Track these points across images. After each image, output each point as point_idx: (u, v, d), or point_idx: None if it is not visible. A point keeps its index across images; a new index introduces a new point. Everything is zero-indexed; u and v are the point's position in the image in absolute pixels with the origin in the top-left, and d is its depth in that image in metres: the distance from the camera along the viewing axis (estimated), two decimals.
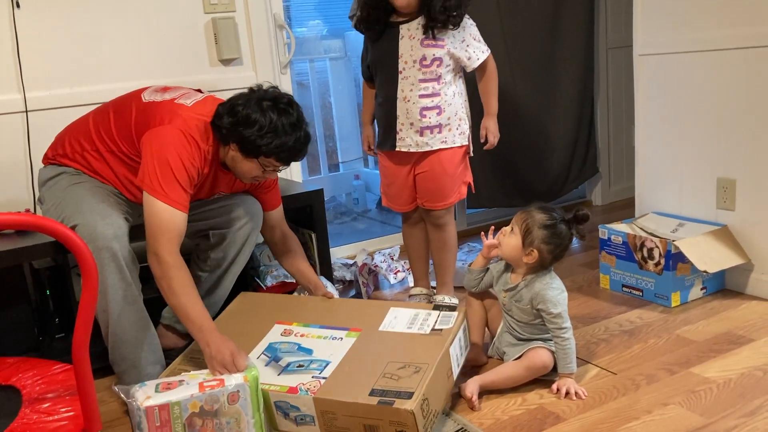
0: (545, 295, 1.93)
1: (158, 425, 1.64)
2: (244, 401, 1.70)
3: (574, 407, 1.85)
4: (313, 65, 4.25)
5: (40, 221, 1.31)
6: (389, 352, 1.84)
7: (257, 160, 1.89)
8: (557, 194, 3.70)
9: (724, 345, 2.13)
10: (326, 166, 4.41)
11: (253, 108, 1.85)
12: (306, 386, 1.76)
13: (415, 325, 1.92)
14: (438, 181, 2.38)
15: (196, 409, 1.66)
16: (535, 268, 1.97)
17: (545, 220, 1.94)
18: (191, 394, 1.66)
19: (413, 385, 1.69)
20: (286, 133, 1.85)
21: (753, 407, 1.77)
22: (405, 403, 1.63)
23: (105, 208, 1.89)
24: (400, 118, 2.34)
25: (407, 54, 2.28)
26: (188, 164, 1.85)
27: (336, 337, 1.93)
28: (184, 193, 1.85)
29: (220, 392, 1.68)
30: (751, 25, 2.34)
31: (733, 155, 2.47)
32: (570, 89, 3.56)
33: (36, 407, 1.52)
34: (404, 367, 1.76)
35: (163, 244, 1.80)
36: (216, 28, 2.66)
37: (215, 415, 1.68)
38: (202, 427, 1.67)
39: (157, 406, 1.63)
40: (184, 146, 1.85)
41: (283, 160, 1.91)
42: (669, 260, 2.42)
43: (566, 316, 1.94)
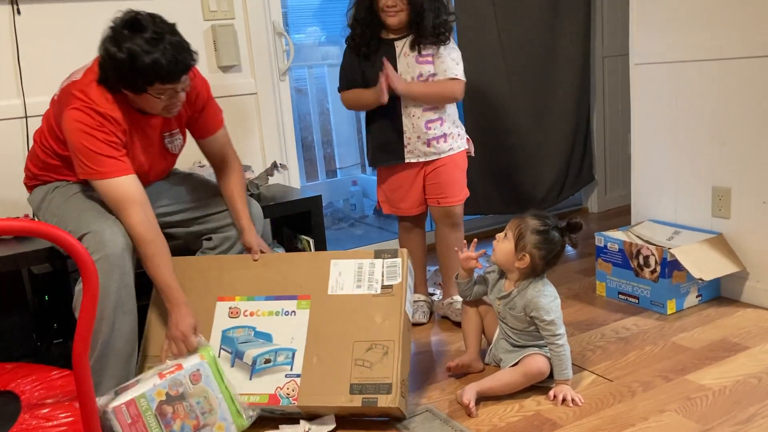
0: (538, 302, 1.94)
1: (130, 422, 1.66)
2: (207, 378, 1.73)
3: (571, 414, 1.86)
4: (312, 71, 4.27)
5: (41, 227, 1.32)
6: (350, 328, 1.87)
7: (147, 93, 1.81)
8: (554, 201, 3.71)
9: (719, 352, 2.15)
10: (324, 172, 4.42)
11: (111, 45, 1.77)
12: (284, 391, 1.82)
13: (363, 281, 1.92)
14: (451, 175, 2.43)
15: (162, 397, 1.69)
16: (527, 274, 1.99)
17: (538, 226, 1.96)
18: (153, 384, 1.70)
19: (388, 373, 1.79)
20: (148, 52, 1.74)
21: (748, 414, 1.78)
22: (387, 399, 1.76)
23: (108, 215, 1.88)
24: (407, 132, 2.38)
25: (406, 71, 2.33)
26: (101, 135, 1.82)
27: (288, 311, 1.92)
28: (115, 160, 1.84)
29: (181, 375, 1.71)
30: (746, 36, 2.36)
31: (728, 164, 2.49)
32: (566, 97, 3.58)
33: (35, 413, 1.53)
34: (372, 348, 1.83)
35: (129, 216, 1.83)
36: (215, 35, 2.67)
37: (183, 398, 1.70)
38: (174, 414, 1.69)
39: (124, 404, 1.66)
40: (86, 122, 1.81)
41: (167, 78, 1.79)
42: (665, 268, 2.43)
43: (560, 323, 1.95)
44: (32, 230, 1.33)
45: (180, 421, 1.70)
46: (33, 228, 1.32)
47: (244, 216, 2.11)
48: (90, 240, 1.81)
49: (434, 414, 1.90)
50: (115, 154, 1.84)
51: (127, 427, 1.66)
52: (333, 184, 4.43)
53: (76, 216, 1.88)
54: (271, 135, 2.86)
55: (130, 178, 1.86)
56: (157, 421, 1.68)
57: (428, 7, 2.26)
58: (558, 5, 3.44)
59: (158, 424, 1.69)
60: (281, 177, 2.88)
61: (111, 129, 1.84)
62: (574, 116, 3.64)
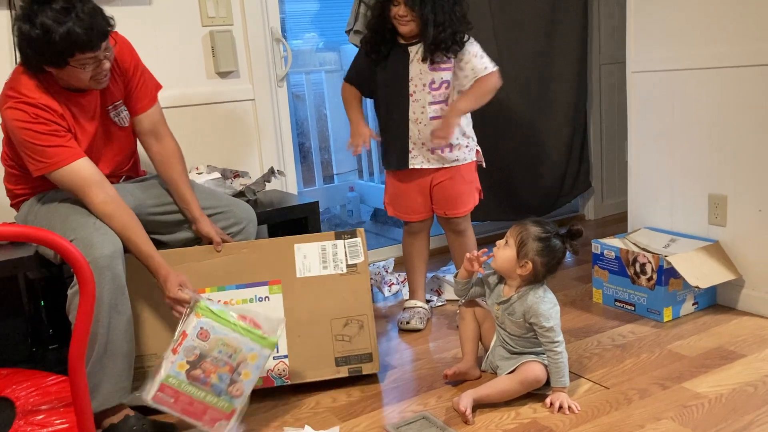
0: (538, 308, 1.94)
1: (174, 401, 1.73)
2: (213, 329, 1.76)
3: (567, 421, 1.86)
4: (309, 77, 4.27)
5: (37, 232, 1.32)
6: (324, 307, 2.04)
7: (70, 65, 1.77)
8: (550, 208, 3.72)
9: (715, 360, 2.15)
10: (321, 178, 4.43)
11: (23, 23, 1.73)
12: (276, 372, 1.97)
13: (328, 262, 2.05)
14: (457, 189, 2.45)
15: (186, 367, 1.73)
16: (528, 281, 1.99)
17: (540, 233, 1.96)
18: (171, 361, 1.73)
19: (367, 344, 2.07)
20: (60, 23, 1.70)
21: (744, 422, 1.78)
22: (370, 366, 2.07)
23: (96, 220, 1.87)
24: (412, 138, 2.39)
25: (417, 77, 2.34)
26: (39, 127, 1.80)
27: (261, 297, 2.00)
28: (61, 148, 1.83)
29: (190, 341, 1.74)
30: (742, 44, 2.37)
31: (724, 171, 2.50)
32: (563, 104, 3.59)
33: (30, 419, 1.52)
34: (348, 324, 2.05)
35: (90, 198, 1.84)
36: (213, 41, 2.68)
37: (204, 357, 1.74)
38: (206, 372, 1.74)
39: (158, 391, 1.72)
40: (22, 118, 1.80)
41: (85, 47, 1.74)
42: (661, 275, 2.43)
43: (558, 330, 1.95)
44: (28, 235, 1.32)
45: (215, 374, 1.75)
46: (29, 233, 1.32)
47: (194, 204, 2.07)
48: (78, 245, 1.79)
49: (430, 421, 1.89)
50: (59, 141, 1.83)
51: (174, 405, 1.73)
52: (330, 190, 4.43)
53: (62, 222, 1.86)
54: (269, 141, 2.87)
55: (82, 162, 1.85)
56: (195, 386, 1.74)
57: (439, 20, 2.24)
58: (555, 13, 3.45)
59: (198, 389, 1.74)
60: (278, 183, 2.88)
61: (47, 118, 1.82)
62: (570, 123, 3.64)
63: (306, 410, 2.02)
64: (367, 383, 2.16)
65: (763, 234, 2.41)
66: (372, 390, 2.12)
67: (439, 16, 2.24)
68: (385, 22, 2.33)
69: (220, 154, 2.75)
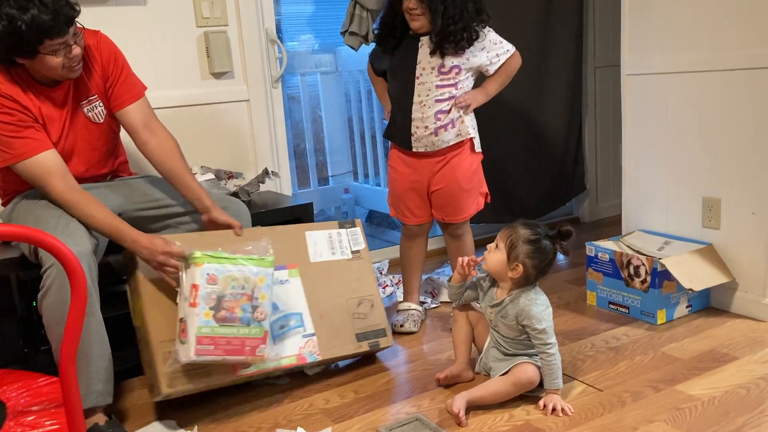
0: (530, 311, 1.94)
1: (214, 348, 1.81)
2: (218, 270, 1.82)
3: (561, 424, 1.85)
4: (304, 79, 4.27)
5: (28, 232, 1.31)
6: (338, 288, 2.22)
7: (40, 54, 1.77)
8: (545, 211, 3.72)
9: (708, 363, 2.15)
10: (316, 180, 4.42)
11: None
12: (307, 350, 2.09)
13: (335, 249, 2.26)
14: (454, 197, 2.46)
15: (211, 313, 1.81)
16: (520, 283, 1.99)
17: (529, 235, 1.96)
18: (195, 314, 1.79)
19: (380, 321, 2.26)
20: (25, 10, 1.70)
21: (737, 425, 1.78)
22: (385, 340, 2.26)
23: (66, 222, 1.86)
24: (416, 121, 2.39)
25: (425, 61, 2.34)
26: (2, 116, 1.81)
27: (282, 280, 2.13)
28: (24, 139, 1.83)
29: (203, 288, 1.80)
30: (736, 49, 2.38)
31: (718, 175, 2.50)
32: (558, 107, 3.60)
33: (20, 420, 1.51)
34: (361, 303, 2.24)
35: (52, 190, 1.85)
36: (208, 41, 2.67)
37: (222, 297, 1.82)
38: (230, 309, 1.83)
39: (196, 345, 1.79)
40: None
41: (53, 32, 1.74)
42: (655, 278, 2.44)
43: (551, 332, 1.95)
44: (16, 235, 1.32)
45: (238, 308, 1.84)
46: (17, 233, 1.31)
47: (204, 193, 2.07)
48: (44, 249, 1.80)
49: (424, 423, 1.89)
50: (24, 133, 1.83)
51: (217, 351, 1.82)
52: (325, 192, 4.42)
53: (34, 222, 1.85)
54: (263, 142, 2.86)
55: (46, 154, 1.85)
56: (226, 326, 1.82)
57: (449, 13, 2.24)
58: (550, 16, 3.46)
59: (229, 327, 1.83)
60: (273, 184, 2.87)
61: (11, 107, 1.82)
62: (565, 126, 3.65)
63: (299, 412, 2.01)
64: (361, 385, 2.15)
65: (756, 237, 2.42)
66: (365, 392, 2.11)
67: (450, 9, 2.24)
68: (395, 15, 2.34)
69: (214, 155, 2.75)
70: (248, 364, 1.94)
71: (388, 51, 2.43)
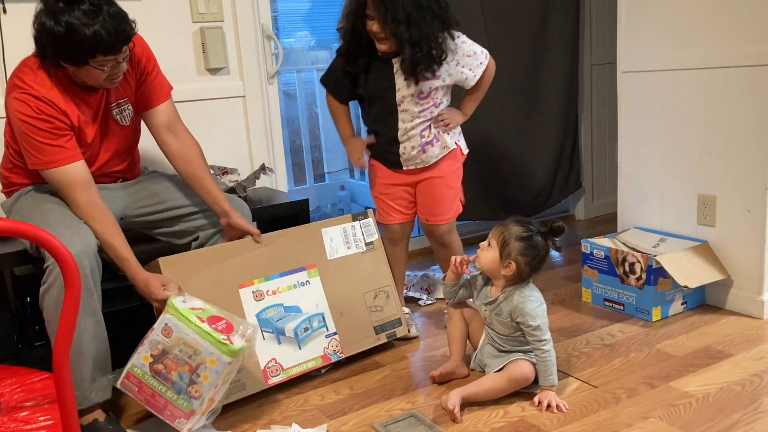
0: (524, 308, 1.94)
1: (137, 390, 1.80)
2: (176, 326, 1.80)
3: (555, 420, 1.86)
4: (300, 76, 4.26)
5: (25, 228, 1.30)
6: (355, 283, 2.28)
7: (88, 65, 1.79)
8: (541, 208, 3.72)
9: (703, 359, 2.15)
10: (312, 176, 4.41)
11: (47, 18, 1.73)
12: (330, 349, 2.17)
13: (350, 243, 2.30)
14: (438, 192, 2.39)
15: (150, 359, 1.79)
16: (513, 280, 1.99)
17: (521, 233, 1.96)
18: (138, 352, 1.80)
19: (395, 311, 2.35)
20: (87, 25, 1.71)
21: (731, 421, 1.79)
22: (401, 330, 2.36)
23: (73, 219, 1.86)
24: (404, 144, 2.34)
25: (404, 88, 2.26)
26: (41, 124, 1.81)
27: (303, 282, 2.18)
28: (59, 148, 1.84)
29: (155, 335, 1.79)
30: (732, 46, 2.38)
31: (713, 172, 2.51)
32: (554, 104, 3.60)
33: (14, 416, 1.51)
34: (377, 296, 2.31)
35: (75, 199, 1.86)
36: (204, 37, 2.67)
37: (166, 353, 1.79)
38: (167, 368, 1.79)
39: (125, 377, 1.80)
40: (26, 112, 1.80)
41: (109, 50, 1.77)
42: (650, 275, 2.44)
43: (546, 329, 1.95)
44: (13, 230, 1.31)
45: (175, 372, 1.78)
46: (14, 228, 1.30)
47: (222, 197, 2.09)
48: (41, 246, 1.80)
49: (418, 419, 1.89)
50: (58, 142, 1.84)
51: (138, 394, 1.80)
52: (321, 189, 4.42)
53: (40, 218, 1.85)
54: (259, 138, 2.85)
55: (75, 166, 1.86)
56: (157, 380, 1.79)
57: (414, 39, 2.12)
58: (547, 13, 3.46)
59: (159, 382, 1.79)
60: (269, 180, 2.87)
61: (51, 114, 1.82)
62: (562, 124, 3.65)
63: (294, 408, 2.01)
64: (356, 381, 2.15)
65: (751, 234, 2.42)
66: (360, 388, 2.11)
67: (414, 32, 2.11)
68: (360, 36, 2.22)
69: (209, 151, 2.72)
70: None
71: (358, 73, 2.31)
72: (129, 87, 2.03)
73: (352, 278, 2.28)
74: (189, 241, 2.16)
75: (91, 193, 1.88)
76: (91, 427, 1.83)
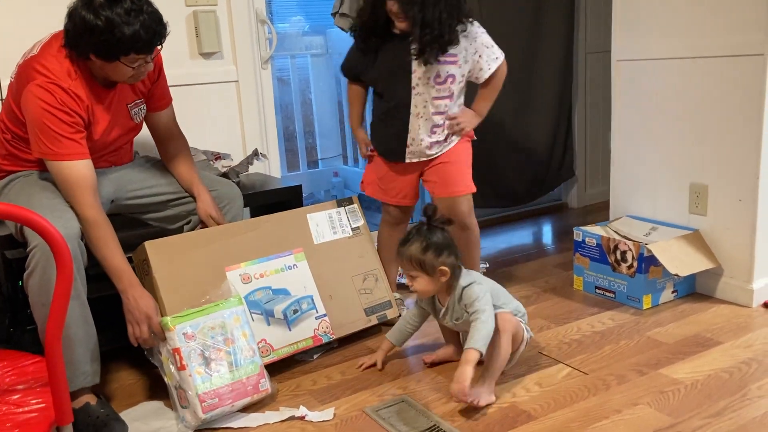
0: (469, 294, 1.93)
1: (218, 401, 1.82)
2: (191, 326, 1.85)
3: (546, 406, 1.87)
4: (294, 61, 4.24)
5: (15, 210, 1.30)
6: (343, 267, 2.30)
7: (119, 61, 1.81)
8: (534, 197, 3.73)
9: (693, 347, 2.17)
10: (305, 163, 4.41)
11: (86, 12, 1.75)
12: (321, 330, 2.19)
13: (336, 228, 2.32)
14: (450, 168, 2.36)
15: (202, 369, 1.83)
16: (450, 280, 1.97)
17: (419, 244, 1.93)
18: (189, 375, 1.81)
19: (384, 294, 2.38)
20: (128, 23, 1.74)
21: (719, 408, 1.81)
22: (392, 312, 2.38)
23: (57, 203, 1.85)
24: (411, 133, 2.32)
25: (420, 70, 2.25)
26: (63, 116, 1.81)
27: (290, 265, 2.20)
28: (74, 143, 1.84)
29: (185, 349, 1.82)
30: (726, 35, 2.38)
31: (706, 161, 2.52)
32: (548, 93, 3.60)
33: (6, 399, 1.51)
34: (366, 279, 2.34)
35: (78, 200, 1.84)
36: (197, 21, 2.65)
37: (206, 349, 1.84)
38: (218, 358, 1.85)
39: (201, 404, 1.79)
40: (49, 101, 1.80)
41: (143, 50, 1.81)
42: (641, 263, 2.45)
43: (486, 300, 1.91)
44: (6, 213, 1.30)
45: (224, 354, 1.86)
46: (4, 211, 1.30)
47: (195, 182, 2.12)
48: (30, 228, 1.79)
49: (409, 404, 1.90)
50: (75, 136, 1.84)
51: (223, 402, 1.82)
52: (314, 175, 4.41)
53: (26, 202, 1.83)
54: (252, 123, 2.84)
55: (85, 163, 1.86)
56: (221, 374, 1.84)
57: (427, 20, 2.13)
58: (542, 2, 3.45)
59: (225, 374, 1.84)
60: (262, 166, 2.86)
61: (73, 108, 1.82)
62: (555, 112, 3.65)
63: (287, 392, 2.02)
64: (348, 366, 2.16)
65: (742, 223, 2.43)
66: (352, 373, 2.12)
67: (427, 15, 2.13)
68: (377, 16, 2.22)
69: (201, 136, 2.73)
70: (255, 402, 1.92)
71: (370, 52, 2.31)
72: (146, 87, 2.07)
73: (339, 262, 2.30)
74: (181, 225, 2.16)
75: (96, 197, 1.87)
76: (83, 411, 1.83)
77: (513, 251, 3.30)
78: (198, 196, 2.11)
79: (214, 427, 1.85)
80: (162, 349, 1.86)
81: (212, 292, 1.97)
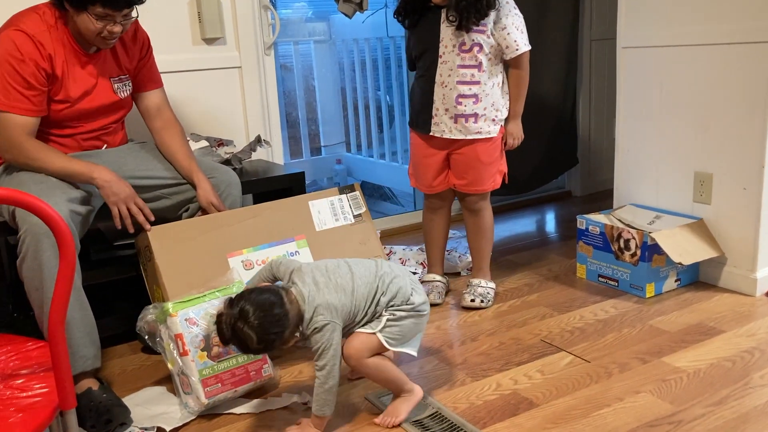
0: (312, 339, 1.68)
1: (221, 386, 1.84)
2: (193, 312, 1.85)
3: (548, 393, 1.87)
4: (298, 48, 4.23)
5: (14, 194, 1.29)
6: (345, 253, 2.17)
7: (86, 12, 1.83)
8: (538, 184, 3.72)
9: (695, 336, 2.17)
10: (308, 150, 4.40)
11: None
12: None
13: (338, 215, 2.30)
14: (473, 168, 2.38)
15: (204, 354, 1.83)
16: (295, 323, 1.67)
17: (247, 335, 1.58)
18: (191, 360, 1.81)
19: None
20: None
21: (721, 396, 1.81)
22: None
23: (44, 189, 1.84)
24: (436, 102, 2.32)
25: (447, 38, 2.27)
26: (17, 63, 1.83)
27: (292, 252, 2.18)
28: (22, 96, 1.85)
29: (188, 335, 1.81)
30: (731, 23, 2.36)
31: (710, 150, 2.50)
32: (553, 80, 3.57)
33: (9, 383, 1.51)
34: None
35: (14, 139, 1.86)
36: (200, 6, 2.63)
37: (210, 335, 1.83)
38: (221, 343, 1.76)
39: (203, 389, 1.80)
40: (8, 46, 1.82)
41: (107, 4, 1.82)
42: (645, 251, 2.45)
43: (326, 358, 1.66)
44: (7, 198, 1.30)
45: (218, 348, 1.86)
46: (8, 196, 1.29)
47: (194, 170, 2.12)
48: (18, 213, 1.79)
49: None
50: (27, 92, 1.85)
51: (226, 387, 1.84)
52: (317, 162, 4.41)
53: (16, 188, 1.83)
54: (255, 110, 2.84)
55: (28, 119, 1.88)
56: (223, 361, 1.84)
57: None
58: None
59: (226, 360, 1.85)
60: (265, 153, 2.86)
61: (34, 57, 1.84)
62: (560, 99, 3.63)
63: (289, 378, 2.03)
64: None
65: (746, 212, 2.42)
66: None
67: None
68: None
69: (205, 122, 2.72)
70: (258, 387, 1.93)
71: (411, 28, 2.37)
72: (131, 65, 2.09)
73: (341, 249, 2.26)
74: (180, 213, 2.16)
75: (30, 135, 1.89)
76: (86, 395, 1.84)
77: (517, 239, 3.30)
78: (198, 184, 2.10)
79: (217, 412, 1.85)
80: (164, 333, 1.86)
81: (217, 279, 1.97)
